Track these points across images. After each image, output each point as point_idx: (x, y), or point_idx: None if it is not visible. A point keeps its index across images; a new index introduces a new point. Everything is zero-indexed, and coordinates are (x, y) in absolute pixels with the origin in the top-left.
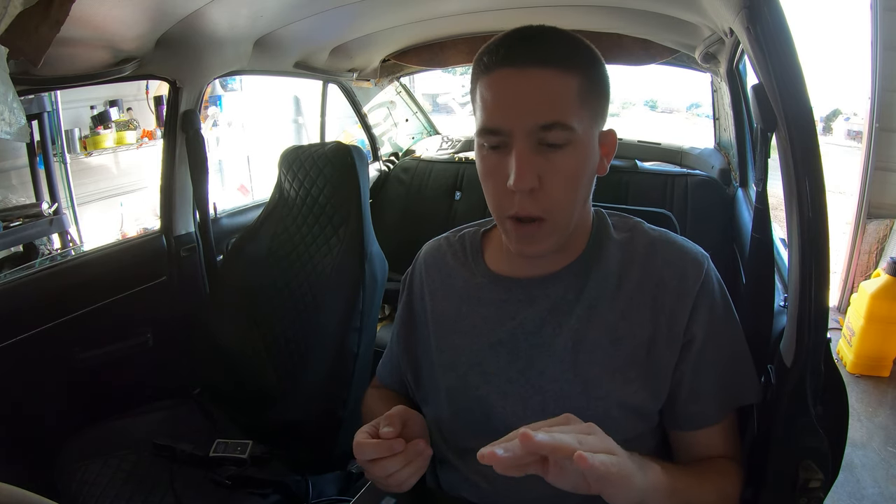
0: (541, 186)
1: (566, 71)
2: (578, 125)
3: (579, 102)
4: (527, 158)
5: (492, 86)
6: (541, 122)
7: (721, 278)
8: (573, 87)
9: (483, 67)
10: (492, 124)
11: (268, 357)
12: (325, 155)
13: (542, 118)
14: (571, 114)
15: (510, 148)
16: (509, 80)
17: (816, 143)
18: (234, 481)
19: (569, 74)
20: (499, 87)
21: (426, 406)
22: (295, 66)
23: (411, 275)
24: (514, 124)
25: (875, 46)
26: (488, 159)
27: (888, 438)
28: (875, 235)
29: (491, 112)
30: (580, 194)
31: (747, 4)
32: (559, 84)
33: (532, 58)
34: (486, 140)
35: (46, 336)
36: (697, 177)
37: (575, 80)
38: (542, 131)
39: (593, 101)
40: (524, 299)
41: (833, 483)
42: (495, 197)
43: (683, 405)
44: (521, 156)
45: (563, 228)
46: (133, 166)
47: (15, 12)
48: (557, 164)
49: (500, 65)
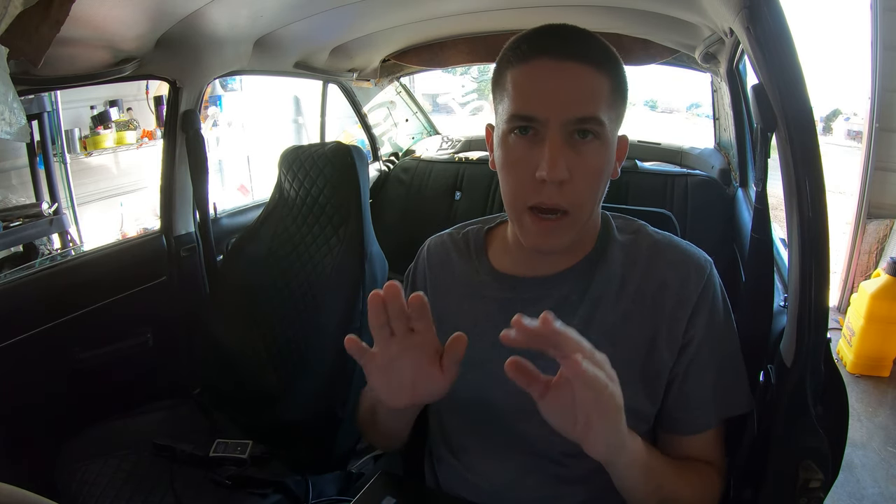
0: (570, 179)
1: (602, 70)
2: (609, 123)
3: (610, 102)
4: (560, 149)
5: (529, 74)
6: (579, 115)
7: (723, 285)
8: (606, 86)
9: (519, 55)
10: (527, 111)
11: (268, 357)
12: (325, 155)
13: (580, 111)
14: (604, 111)
15: (542, 137)
16: (548, 69)
17: (816, 143)
18: (234, 481)
19: (603, 74)
20: (537, 75)
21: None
22: (295, 66)
23: (414, 269)
24: (551, 114)
25: (875, 46)
26: (515, 148)
27: (888, 438)
28: (875, 235)
29: (527, 99)
30: (600, 192)
31: (747, 4)
32: (596, 81)
33: (573, 51)
34: (518, 125)
35: (46, 336)
36: (697, 177)
37: (607, 80)
38: (577, 123)
39: (618, 103)
40: (528, 298)
41: (833, 483)
42: (517, 186)
43: (673, 408)
44: (555, 146)
45: (581, 225)
46: (133, 166)
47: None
48: (586, 159)
49: (540, 54)
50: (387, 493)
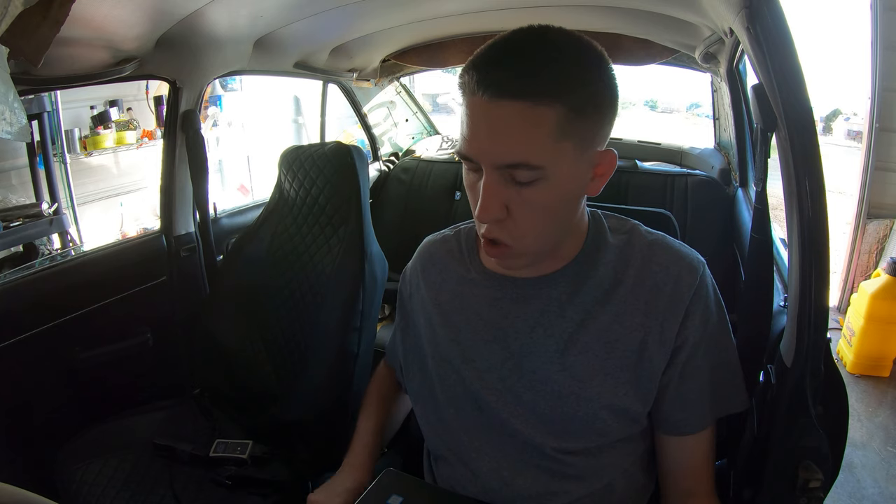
0: (509, 215)
1: (545, 101)
2: (551, 161)
3: (556, 136)
4: (492, 190)
5: (467, 112)
6: (507, 161)
7: (717, 285)
8: (550, 121)
9: (464, 86)
10: (465, 151)
11: (268, 357)
12: (325, 155)
13: (506, 158)
14: (541, 152)
15: (481, 175)
16: (480, 110)
17: (816, 143)
18: (234, 481)
19: (549, 105)
20: (471, 114)
21: (419, 401)
22: (295, 66)
23: (409, 268)
24: (482, 158)
25: (875, 46)
26: (468, 177)
27: (888, 438)
28: (875, 235)
29: (464, 140)
30: (556, 222)
31: (747, 4)
32: (532, 119)
33: (506, 88)
34: (464, 162)
35: (46, 336)
36: (697, 177)
37: (556, 109)
38: (508, 168)
39: (581, 125)
40: (517, 298)
41: (833, 483)
42: (473, 212)
43: (670, 410)
44: (488, 187)
45: (535, 253)
46: (133, 166)
47: (15, 12)
48: (527, 197)
49: (474, 91)
50: (393, 491)
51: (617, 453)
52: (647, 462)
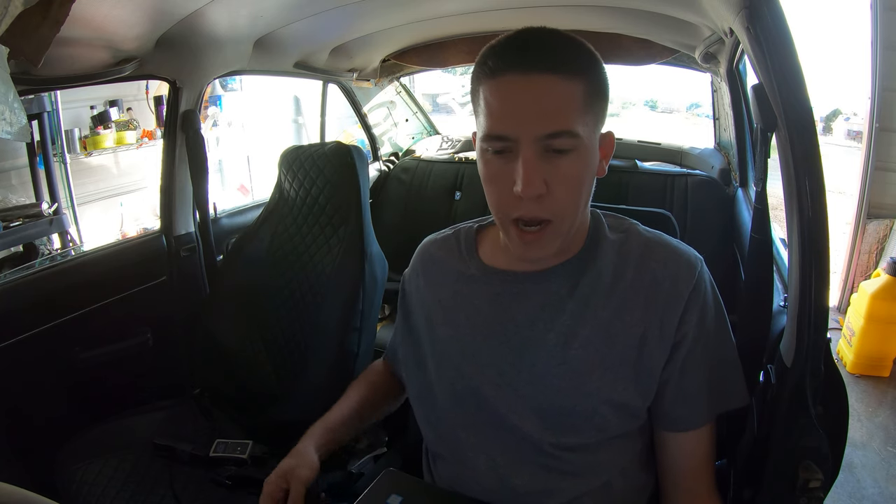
0: (548, 192)
1: (572, 77)
2: (583, 131)
3: (584, 108)
4: (534, 165)
5: (497, 91)
6: (549, 131)
7: (715, 282)
8: (579, 92)
9: (487, 71)
10: (498, 131)
11: (268, 357)
12: (325, 155)
13: (550, 126)
14: (577, 120)
15: (516, 154)
16: (515, 86)
17: (816, 143)
18: (234, 481)
19: (574, 80)
20: (505, 93)
21: (418, 400)
22: (295, 66)
23: (410, 268)
24: (521, 132)
25: (875, 46)
26: (492, 164)
27: (888, 438)
28: (875, 235)
29: (497, 119)
30: (583, 198)
31: (747, 4)
32: (565, 90)
33: (538, 63)
34: (491, 146)
35: (46, 336)
36: (697, 177)
37: (580, 85)
38: (548, 139)
39: (596, 104)
40: (517, 293)
41: (833, 483)
42: (499, 201)
43: (670, 406)
44: (529, 162)
45: (567, 231)
46: (133, 166)
47: (15, 12)
48: (563, 170)
49: (506, 70)
50: (392, 491)
51: (614, 450)
52: (646, 461)
